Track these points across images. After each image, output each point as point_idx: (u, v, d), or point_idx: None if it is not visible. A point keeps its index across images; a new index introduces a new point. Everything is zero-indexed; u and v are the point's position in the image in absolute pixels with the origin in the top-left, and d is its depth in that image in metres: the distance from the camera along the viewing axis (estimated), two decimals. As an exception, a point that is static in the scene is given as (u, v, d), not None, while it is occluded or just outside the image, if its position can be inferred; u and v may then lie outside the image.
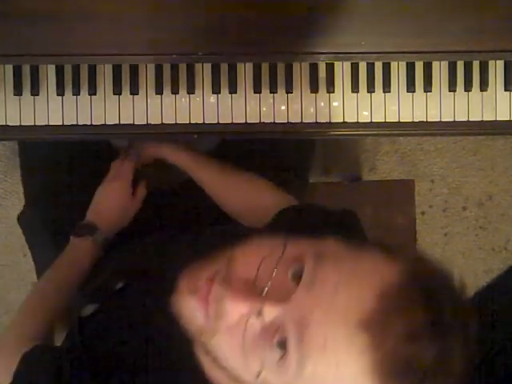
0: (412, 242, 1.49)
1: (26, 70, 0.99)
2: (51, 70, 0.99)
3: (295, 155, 1.24)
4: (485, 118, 1.02)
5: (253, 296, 0.59)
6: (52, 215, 1.16)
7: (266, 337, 0.58)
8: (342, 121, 1.01)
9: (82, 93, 0.99)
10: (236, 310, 0.59)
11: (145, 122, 1.00)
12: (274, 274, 0.59)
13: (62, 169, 1.18)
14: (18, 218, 1.25)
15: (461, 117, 1.02)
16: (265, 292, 0.58)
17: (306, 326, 0.55)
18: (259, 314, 0.58)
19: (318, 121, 1.01)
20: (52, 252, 1.08)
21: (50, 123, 1.00)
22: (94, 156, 1.18)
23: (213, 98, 1.00)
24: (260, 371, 0.58)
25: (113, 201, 1.09)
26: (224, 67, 1.00)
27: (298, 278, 0.58)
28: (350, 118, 1.01)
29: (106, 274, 0.97)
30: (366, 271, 0.57)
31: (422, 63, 1.01)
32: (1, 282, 1.73)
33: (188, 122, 1.00)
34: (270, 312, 0.58)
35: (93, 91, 0.99)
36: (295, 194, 1.10)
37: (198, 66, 1.00)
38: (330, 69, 1.00)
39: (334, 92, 1.01)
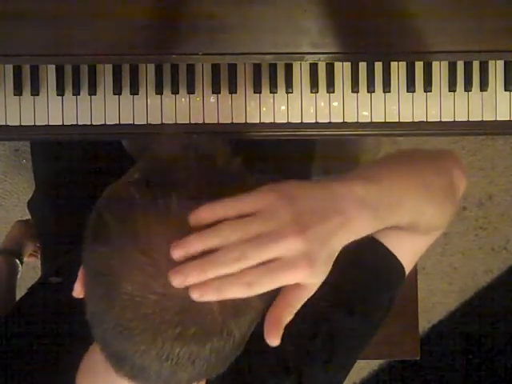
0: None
1: (26, 69, 0.99)
2: (51, 70, 0.99)
3: (295, 155, 1.24)
4: (485, 118, 1.02)
5: None
6: (58, 201, 1.17)
7: None
8: (341, 121, 1.01)
9: (81, 93, 0.99)
10: None
11: (145, 122, 1.00)
12: None
13: (71, 159, 1.18)
14: (28, 205, 1.27)
15: (461, 117, 1.01)
16: None
17: None
18: None
19: (318, 121, 1.01)
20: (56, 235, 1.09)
21: (50, 123, 1.00)
22: (103, 152, 1.19)
23: (213, 98, 1.00)
24: None
25: None
26: (224, 67, 1.00)
27: None
28: (350, 118, 1.01)
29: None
30: None
31: (422, 63, 1.01)
32: (1, 282, 1.73)
33: (188, 121, 1.00)
34: None
35: (93, 91, 0.99)
36: None
37: (197, 66, 1.00)
38: (330, 69, 1.00)
39: (333, 92, 1.01)
